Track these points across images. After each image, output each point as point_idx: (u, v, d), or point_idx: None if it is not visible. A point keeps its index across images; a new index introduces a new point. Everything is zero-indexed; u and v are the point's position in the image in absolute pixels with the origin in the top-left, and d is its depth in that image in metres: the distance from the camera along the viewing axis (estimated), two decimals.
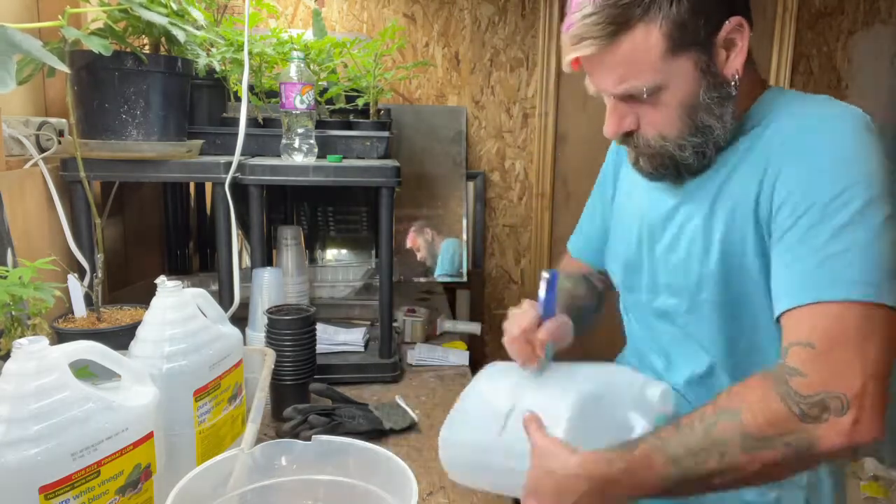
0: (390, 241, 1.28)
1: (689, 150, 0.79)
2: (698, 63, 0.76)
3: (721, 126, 0.78)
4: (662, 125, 0.79)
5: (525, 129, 2.23)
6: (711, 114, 0.78)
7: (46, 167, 1.17)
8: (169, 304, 0.81)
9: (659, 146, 0.80)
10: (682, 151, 0.79)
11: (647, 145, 0.81)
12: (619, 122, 0.80)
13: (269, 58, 1.39)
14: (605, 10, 0.73)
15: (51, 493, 0.57)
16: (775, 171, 0.74)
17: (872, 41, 2.26)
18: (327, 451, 0.67)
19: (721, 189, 0.81)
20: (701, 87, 0.77)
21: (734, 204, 0.79)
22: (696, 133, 0.78)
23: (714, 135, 0.78)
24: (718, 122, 0.78)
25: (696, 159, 0.80)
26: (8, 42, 0.76)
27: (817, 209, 0.70)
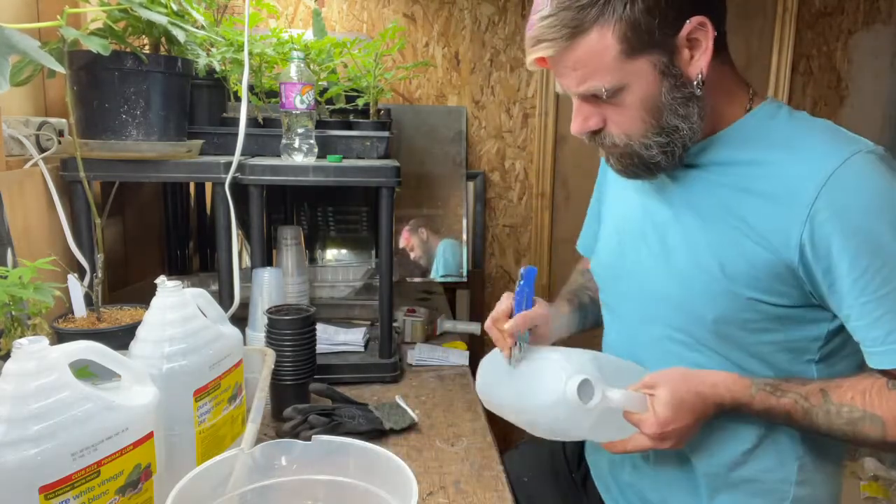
0: (390, 241, 1.28)
1: (654, 149, 0.79)
2: (657, 64, 0.76)
3: (688, 126, 0.78)
4: (626, 125, 0.79)
5: (525, 129, 2.23)
6: (676, 114, 0.78)
7: (46, 167, 1.17)
8: (169, 304, 0.81)
9: (624, 145, 0.80)
10: (648, 150, 0.80)
11: (613, 144, 0.81)
12: (584, 121, 0.81)
13: (269, 58, 1.39)
14: (561, 14, 0.74)
15: (51, 493, 0.57)
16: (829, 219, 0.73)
17: (872, 41, 2.26)
18: (327, 451, 0.67)
19: (728, 208, 0.80)
20: (662, 87, 0.77)
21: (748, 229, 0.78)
22: (661, 133, 0.79)
23: (681, 134, 0.79)
24: (684, 122, 0.78)
25: (664, 158, 0.80)
26: (5, 42, 0.75)
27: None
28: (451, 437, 1.11)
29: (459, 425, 1.15)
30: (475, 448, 1.08)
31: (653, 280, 0.87)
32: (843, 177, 0.72)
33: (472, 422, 1.17)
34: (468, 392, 1.30)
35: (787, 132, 0.80)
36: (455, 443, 1.09)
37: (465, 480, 0.98)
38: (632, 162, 0.82)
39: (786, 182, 0.76)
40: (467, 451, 1.06)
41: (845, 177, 0.72)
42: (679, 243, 0.85)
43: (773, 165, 0.78)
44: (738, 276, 0.79)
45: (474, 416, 1.19)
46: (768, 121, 0.82)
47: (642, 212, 0.92)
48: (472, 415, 1.20)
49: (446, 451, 1.06)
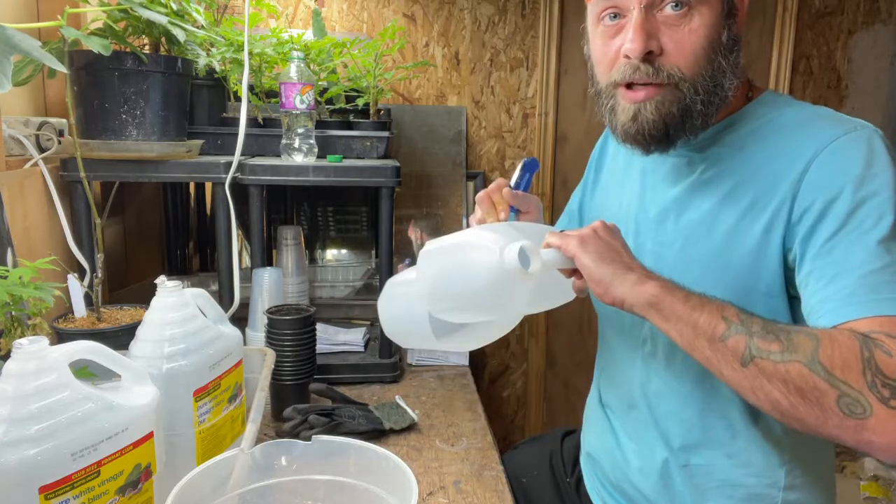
0: (390, 241, 1.28)
1: (701, 95, 0.78)
2: (725, 2, 0.77)
3: (729, 82, 0.78)
4: (685, 55, 0.77)
5: (525, 129, 2.23)
6: (727, 60, 0.78)
7: (46, 167, 1.17)
8: (169, 304, 0.81)
9: (678, 79, 0.77)
10: (692, 96, 0.78)
11: (666, 77, 0.77)
12: (648, 38, 0.76)
13: (269, 58, 1.39)
14: None
15: (51, 493, 0.57)
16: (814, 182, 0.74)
17: (872, 41, 2.26)
18: (327, 451, 0.67)
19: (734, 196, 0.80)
20: (723, 28, 0.77)
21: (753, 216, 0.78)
22: (710, 78, 0.78)
23: (721, 90, 0.78)
24: (728, 76, 0.78)
25: (702, 110, 0.78)
26: (6, 42, 0.75)
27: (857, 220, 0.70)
28: (451, 437, 1.11)
29: (459, 425, 1.15)
30: (475, 448, 1.08)
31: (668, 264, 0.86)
32: (832, 150, 0.74)
33: (472, 422, 1.17)
34: (468, 392, 1.30)
35: (788, 118, 0.81)
36: (455, 443, 1.09)
37: (465, 480, 0.98)
38: (667, 111, 0.78)
39: (781, 164, 0.77)
40: (467, 451, 1.06)
41: (835, 150, 0.74)
42: (679, 238, 0.85)
43: (771, 150, 0.79)
44: (741, 266, 0.79)
45: (474, 416, 1.19)
46: (773, 110, 0.82)
47: (639, 209, 0.92)
48: (472, 415, 1.20)
49: (446, 451, 1.06)
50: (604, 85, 0.83)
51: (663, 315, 0.71)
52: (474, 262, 0.72)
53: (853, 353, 0.63)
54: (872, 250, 0.69)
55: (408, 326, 0.81)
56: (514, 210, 0.91)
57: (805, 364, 0.64)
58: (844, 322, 0.68)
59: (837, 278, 0.70)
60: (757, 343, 0.66)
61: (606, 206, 1.02)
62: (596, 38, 0.83)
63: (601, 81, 0.84)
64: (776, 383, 0.65)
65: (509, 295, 0.73)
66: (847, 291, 0.69)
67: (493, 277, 0.71)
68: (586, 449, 1.07)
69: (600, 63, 0.83)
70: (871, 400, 0.61)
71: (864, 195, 0.71)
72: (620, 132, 0.82)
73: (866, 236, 0.70)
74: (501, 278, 0.71)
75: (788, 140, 0.78)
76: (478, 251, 0.72)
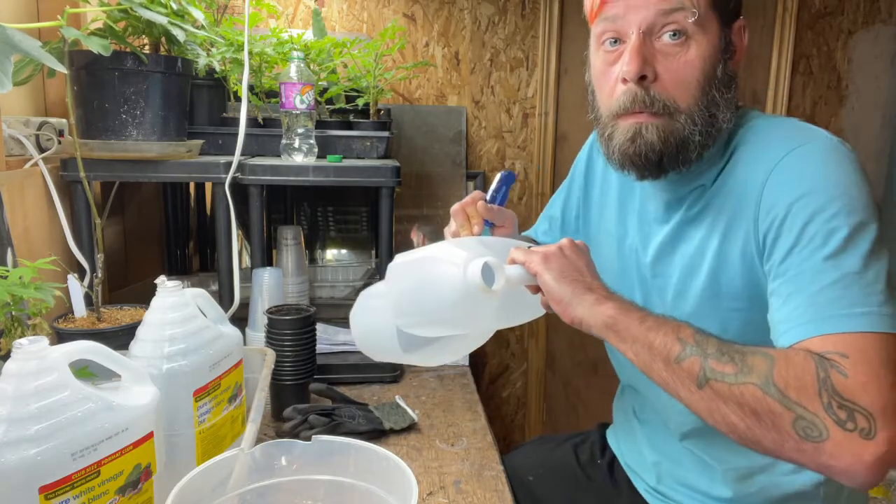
0: (390, 241, 1.28)
1: (698, 125, 0.78)
2: (721, 36, 0.78)
3: (723, 115, 0.79)
4: (679, 84, 0.77)
5: (525, 129, 2.23)
6: (721, 94, 0.78)
7: (46, 167, 1.17)
8: (169, 304, 0.81)
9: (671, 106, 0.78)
10: (694, 126, 0.78)
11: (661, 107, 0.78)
12: (644, 63, 0.77)
13: (269, 58, 1.39)
14: None
15: (51, 493, 0.57)
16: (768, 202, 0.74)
17: (872, 41, 2.26)
18: (327, 451, 0.67)
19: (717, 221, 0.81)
20: (719, 60, 0.78)
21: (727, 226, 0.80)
22: (705, 108, 0.78)
23: (716, 122, 0.79)
24: (721, 109, 0.79)
25: (696, 146, 0.79)
26: (6, 42, 0.75)
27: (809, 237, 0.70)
28: (451, 437, 1.11)
29: (459, 425, 1.15)
30: (475, 448, 1.08)
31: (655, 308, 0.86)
32: (782, 168, 0.74)
33: (472, 422, 1.17)
34: (468, 392, 1.30)
35: (752, 135, 0.81)
36: (455, 443, 1.09)
37: (465, 480, 0.98)
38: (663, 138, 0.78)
39: (748, 184, 0.78)
40: (467, 451, 1.06)
41: (784, 168, 0.74)
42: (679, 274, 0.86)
43: (741, 171, 0.79)
44: (726, 289, 0.80)
45: (474, 416, 1.19)
46: (745, 130, 0.83)
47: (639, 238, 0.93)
48: (472, 415, 1.20)
49: (446, 451, 1.06)
50: (605, 115, 0.84)
51: (620, 336, 0.70)
52: (439, 278, 0.72)
53: (809, 374, 0.62)
54: (821, 267, 0.68)
55: (377, 340, 0.80)
56: (489, 224, 0.91)
57: (759, 386, 0.63)
58: (798, 342, 0.67)
59: (791, 298, 0.70)
60: (711, 365, 0.65)
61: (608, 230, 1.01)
62: (597, 63, 0.84)
63: (602, 110, 0.85)
64: (731, 406, 0.64)
65: (474, 311, 0.73)
66: (799, 311, 0.68)
67: (457, 294, 0.70)
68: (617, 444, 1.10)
69: (601, 90, 0.84)
70: (828, 423, 0.61)
71: (813, 211, 0.71)
72: (617, 155, 0.82)
73: (817, 253, 0.69)
74: (466, 294, 0.70)
75: (750, 159, 0.79)
76: (442, 266, 0.72)
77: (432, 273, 0.73)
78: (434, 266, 0.73)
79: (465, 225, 0.87)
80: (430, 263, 0.74)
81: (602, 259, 1.00)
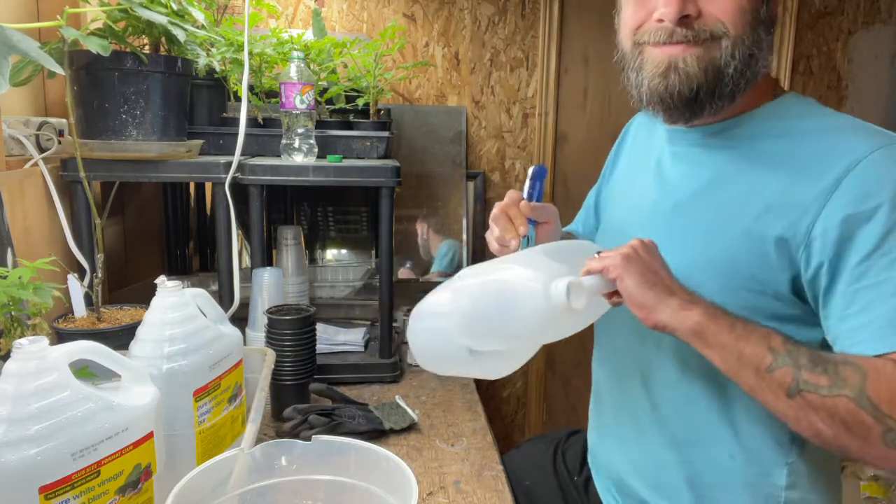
0: (390, 241, 1.28)
1: (737, 59, 0.75)
2: None
3: (763, 59, 0.78)
4: (728, 13, 0.75)
5: (525, 129, 2.23)
6: (763, 30, 0.77)
7: (46, 167, 1.17)
8: (169, 304, 0.81)
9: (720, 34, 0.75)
10: (731, 59, 0.76)
11: (708, 33, 0.76)
12: (683, 2, 0.74)
13: (269, 58, 1.39)
14: None
15: (51, 493, 0.57)
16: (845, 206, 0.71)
17: (872, 41, 2.26)
18: (327, 451, 0.67)
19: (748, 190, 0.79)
20: (762, 1, 0.77)
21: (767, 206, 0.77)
22: (750, 43, 0.76)
23: (754, 62, 0.77)
24: (763, 51, 0.77)
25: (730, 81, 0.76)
26: (5, 43, 0.75)
27: None
28: (451, 437, 1.11)
29: (459, 425, 1.15)
30: (475, 448, 1.08)
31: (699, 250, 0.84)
32: (867, 167, 0.71)
33: (472, 422, 1.17)
34: (468, 392, 1.30)
35: (815, 123, 0.79)
36: (455, 443, 1.09)
37: (465, 480, 0.98)
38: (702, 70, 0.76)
39: (807, 170, 0.75)
40: (467, 451, 1.06)
41: (869, 167, 0.71)
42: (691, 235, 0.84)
43: (796, 153, 0.77)
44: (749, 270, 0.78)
45: (474, 416, 1.19)
46: (796, 111, 0.81)
47: (656, 200, 0.90)
48: (472, 415, 1.20)
49: (446, 451, 1.06)
50: (628, 46, 0.81)
51: (707, 343, 0.70)
52: (520, 302, 0.70)
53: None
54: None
55: (445, 360, 0.78)
56: (532, 222, 0.89)
57: (853, 399, 0.64)
58: (885, 353, 0.67)
59: (872, 306, 0.69)
60: (805, 377, 0.66)
61: (619, 193, 1.01)
62: (628, 4, 0.81)
63: (625, 42, 0.82)
64: (822, 415, 0.66)
65: (555, 328, 0.73)
66: (884, 321, 0.68)
67: (541, 316, 0.70)
68: (591, 448, 1.07)
69: (626, 24, 0.81)
70: None
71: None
72: (646, 90, 0.79)
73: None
74: (551, 317, 0.70)
75: (819, 147, 0.76)
76: (523, 290, 0.71)
77: (512, 297, 0.71)
78: (513, 289, 0.71)
79: (508, 228, 0.84)
80: (507, 286, 0.72)
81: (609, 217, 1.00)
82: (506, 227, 0.84)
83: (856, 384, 0.65)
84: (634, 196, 0.95)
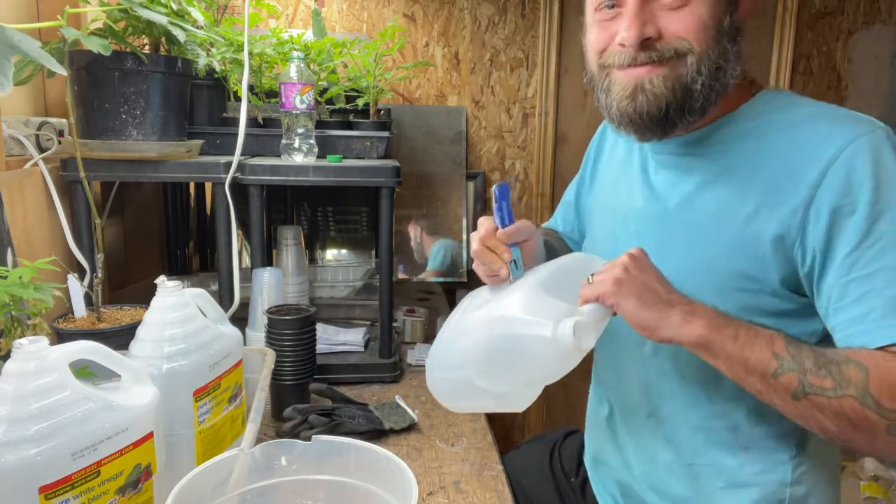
0: (390, 241, 1.28)
1: (704, 75, 0.75)
2: None
3: (731, 70, 0.77)
4: (690, 28, 0.75)
5: (525, 129, 2.23)
6: (728, 44, 0.76)
7: (46, 167, 1.17)
8: (169, 304, 0.81)
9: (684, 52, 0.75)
10: (698, 74, 0.76)
11: (672, 51, 0.76)
12: (643, 25, 0.75)
13: (269, 58, 1.39)
14: None
15: (51, 493, 0.57)
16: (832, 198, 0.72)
17: (872, 41, 2.26)
18: (327, 451, 0.67)
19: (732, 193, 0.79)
20: (725, 13, 0.76)
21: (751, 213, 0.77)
22: (715, 57, 0.76)
23: (721, 75, 0.77)
24: (731, 62, 0.77)
25: (699, 96, 0.76)
26: (6, 43, 0.75)
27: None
28: (451, 437, 1.11)
29: (459, 425, 1.15)
30: (475, 448, 1.08)
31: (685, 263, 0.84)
32: (849, 157, 0.71)
33: (472, 422, 1.17)
34: None
35: (792, 116, 0.79)
36: (455, 443, 1.09)
37: (465, 480, 0.98)
38: (670, 89, 0.76)
39: (792, 164, 0.75)
40: (467, 451, 1.06)
41: (851, 157, 0.71)
42: (681, 239, 0.84)
43: (780, 150, 0.77)
44: (742, 269, 0.78)
45: (474, 416, 1.19)
46: (773, 106, 0.81)
47: (642, 206, 0.90)
48: (472, 415, 1.20)
49: (446, 451, 1.06)
50: (595, 68, 0.82)
51: (712, 353, 0.72)
52: (529, 350, 0.72)
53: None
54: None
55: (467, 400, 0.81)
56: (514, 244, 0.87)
57: (857, 398, 0.67)
58: (884, 346, 0.69)
59: (866, 297, 0.70)
60: (810, 380, 0.68)
61: (604, 202, 1.01)
62: (592, 28, 0.82)
63: (592, 65, 0.82)
64: (828, 414, 0.68)
65: (568, 364, 0.75)
66: (879, 314, 0.69)
67: (552, 360, 0.72)
68: (590, 453, 1.07)
69: (592, 48, 0.82)
70: None
71: (885, 204, 0.70)
72: (616, 113, 0.80)
73: (888, 252, 0.69)
74: (561, 358, 0.72)
75: (800, 139, 0.76)
76: (530, 336, 0.72)
77: (521, 349, 0.73)
78: (520, 337, 0.73)
79: (494, 259, 0.82)
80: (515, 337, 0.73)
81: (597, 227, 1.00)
82: (491, 259, 0.83)
83: (859, 383, 0.67)
84: (620, 204, 0.95)
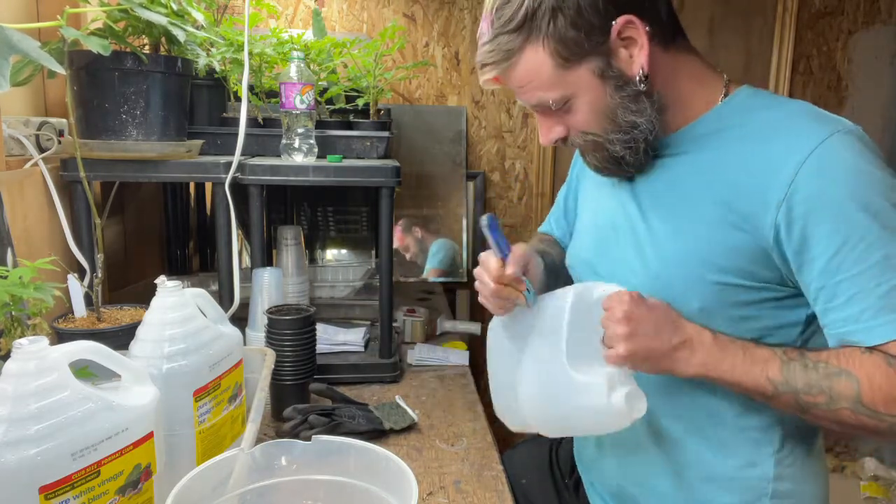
0: (390, 241, 1.28)
1: (617, 144, 0.82)
2: (595, 70, 0.79)
3: (645, 120, 0.81)
4: (587, 124, 0.83)
5: (525, 129, 2.23)
6: (629, 111, 0.80)
7: (46, 167, 1.17)
8: (169, 304, 0.81)
9: (592, 143, 0.84)
10: (612, 146, 0.83)
11: (582, 143, 0.85)
12: (549, 131, 0.86)
13: (269, 58, 1.39)
14: (497, 39, 0.79)
15: (51, 493, 0.57)
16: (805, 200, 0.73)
17: (872, 41, 2.26)
18: (327, 451, 0.67)
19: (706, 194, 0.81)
20: (607, 90, 0.80)
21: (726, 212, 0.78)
22: (619, 130, 0.81)
23: (640, 129, 0.81)
24: (641, 116, 0.80)
25: (628, 153, 0.83)
26: (5, 43, 0.75)
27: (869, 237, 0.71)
28: (451, 437, 1.11)
29: (459, 425, 1.15)
30: (475, 448, 1.08)
31: (634, 273, 0.86)
32: (819, 158, 0.72)
33: (472, 422, 1.17)
34: (468, 392, 1.30)
35: (764, 116, 0.80)
36: (455, 443, 1.09)
37: (465, 480, 0.98)
38: (603, 157, 0.85)
39: (763, 165, 0.76)
40: (467, 451, 1.06)
41: (822, 158, 0.72)
42: (657, 234, 0.85)
43: (750, 149, 0.78)
44: (718, 262, 0.79)
45: (474, 416, 1.19)
46: (744, 106, 0.82)
47: (619, 205, 0.92)
48: (472, 415, 1.20)
49: (446, 451, 1.06)
50: None
51: (713, 382, 0.79)
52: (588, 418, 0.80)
53: (893, 387, 0.70)
54: (883, 266, 0.70)
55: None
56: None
57: (851, 409, 0.72)
58: (881, 344, 0.71)
59: (857, 299, 0.72)
60: (804, 399, 0.74)
61: (588, 205, 1.04)
62: None
63: None
64: (829, 421, 0.75)
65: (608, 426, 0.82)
66: (869, 314, 0.71)
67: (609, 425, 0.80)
68: (578, 451, 1.08)
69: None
70: None
71: (863, 204, 0.70)
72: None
73: (875, 251, 0.70)
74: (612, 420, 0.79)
75: (769, 140, 0.77)
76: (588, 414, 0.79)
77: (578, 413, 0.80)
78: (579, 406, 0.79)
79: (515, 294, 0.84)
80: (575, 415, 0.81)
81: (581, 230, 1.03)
82: (510, 294, 0.85)
83: (850, 396, 0.71)
84: (602, 207, 0.97)
